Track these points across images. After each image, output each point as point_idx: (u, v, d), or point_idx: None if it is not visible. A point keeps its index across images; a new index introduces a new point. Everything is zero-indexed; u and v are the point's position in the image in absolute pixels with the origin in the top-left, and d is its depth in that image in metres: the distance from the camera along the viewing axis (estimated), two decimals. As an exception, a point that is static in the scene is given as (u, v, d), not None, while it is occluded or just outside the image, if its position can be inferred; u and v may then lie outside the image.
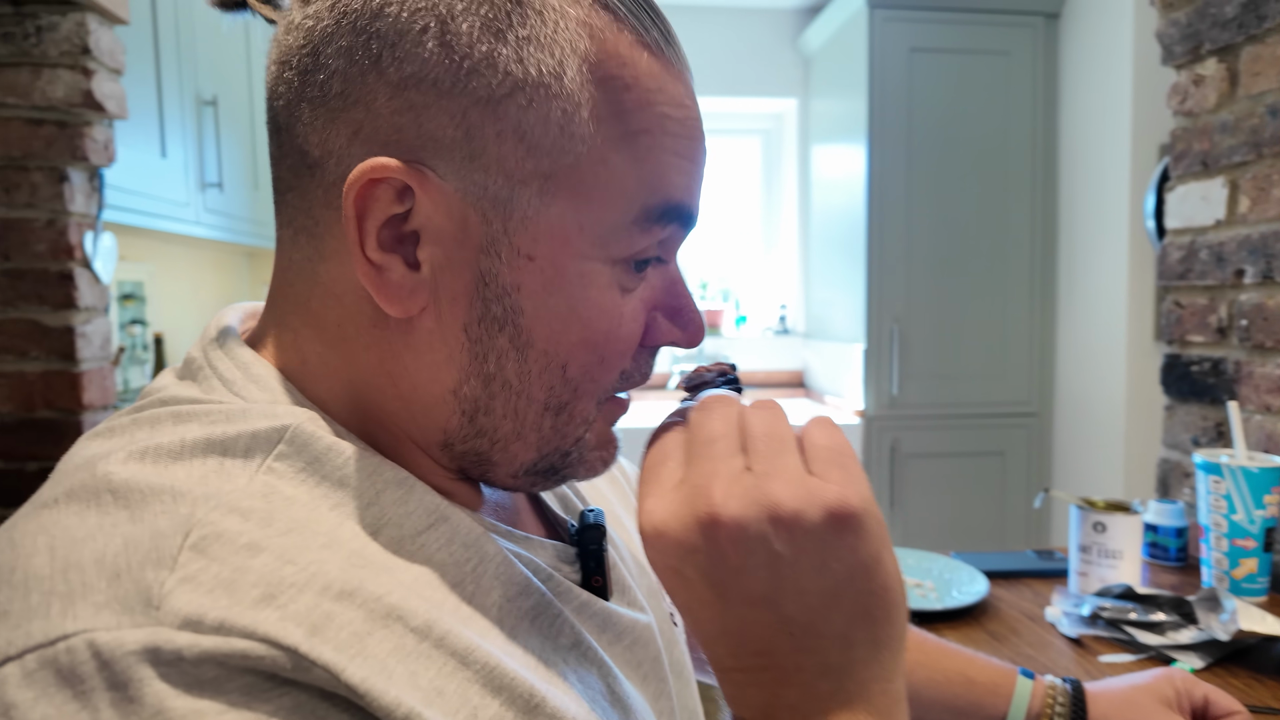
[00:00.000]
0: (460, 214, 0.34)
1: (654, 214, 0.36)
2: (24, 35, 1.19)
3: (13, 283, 1.21)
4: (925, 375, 2.40)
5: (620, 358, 0.38)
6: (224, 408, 0.33)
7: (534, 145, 0.33)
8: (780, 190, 3.07)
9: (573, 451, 0.38)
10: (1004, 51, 2.39)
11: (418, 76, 0.32)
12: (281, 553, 0.28)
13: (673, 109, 0.36)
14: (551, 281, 0.35)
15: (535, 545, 0.41)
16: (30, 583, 0.26)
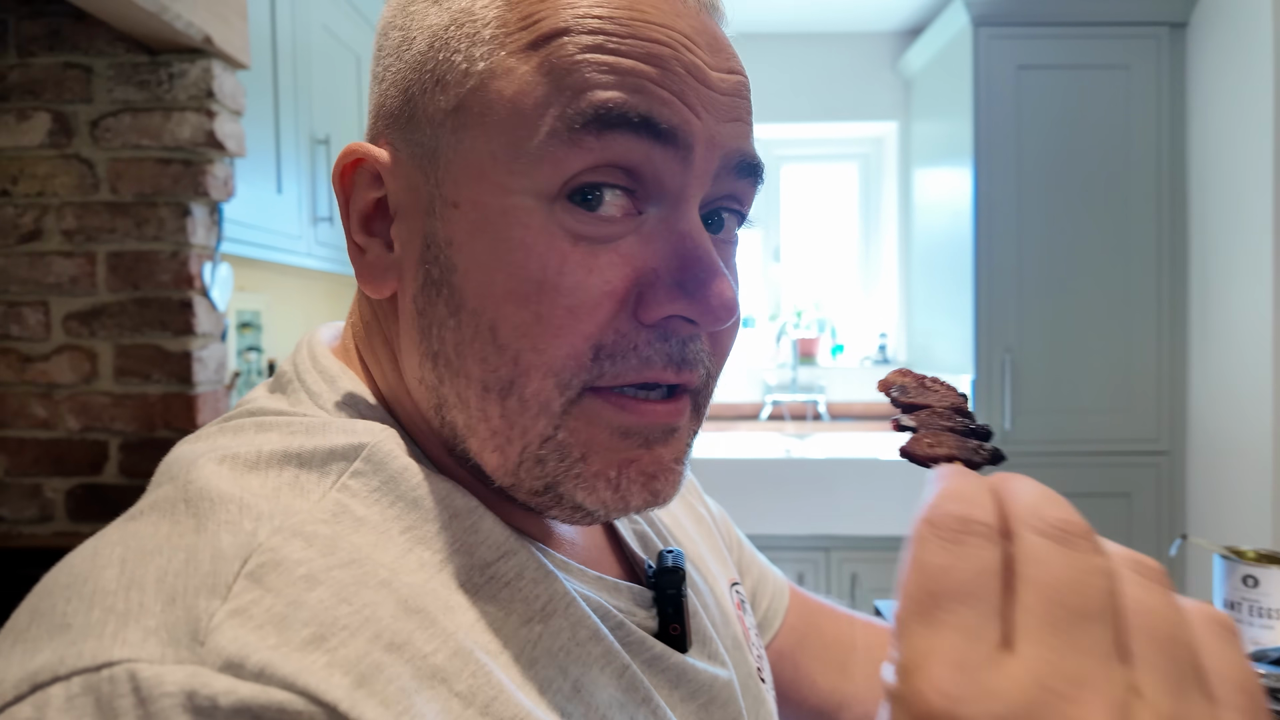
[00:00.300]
0: (412, 180, 0.33)
1: (579, 119, 0.29)
2: (157, 82, 1.29)
3: (140, 310, 1.30)
4: (1041, 409, 2.25)
5: (568, 316, 0.30)
6: (305, 420, 0.33)
7: (445, 83, 0.32)
8: (879, 215, 2.98)
9: (547, 457, 0.31)
10: (1124, 65, 2.24)
11: (385, 64, 0.35)
12: (339, 589, 0.27)
13: (613, 10, 0.30)
14: (476, 225, 0.31)
15: (609, 587, 0.38)
16: (96, 596, 0.26)
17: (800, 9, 2.59)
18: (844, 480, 2.26)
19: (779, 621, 0.60)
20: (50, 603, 0.26)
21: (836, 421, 2.80)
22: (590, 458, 0.32)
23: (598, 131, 0.29)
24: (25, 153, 1.29)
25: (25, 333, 1.30)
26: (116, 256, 1.30)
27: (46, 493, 1.31)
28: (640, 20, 0.31)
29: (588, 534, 0.42)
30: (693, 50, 0.31)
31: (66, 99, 1.29)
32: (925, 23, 2.68)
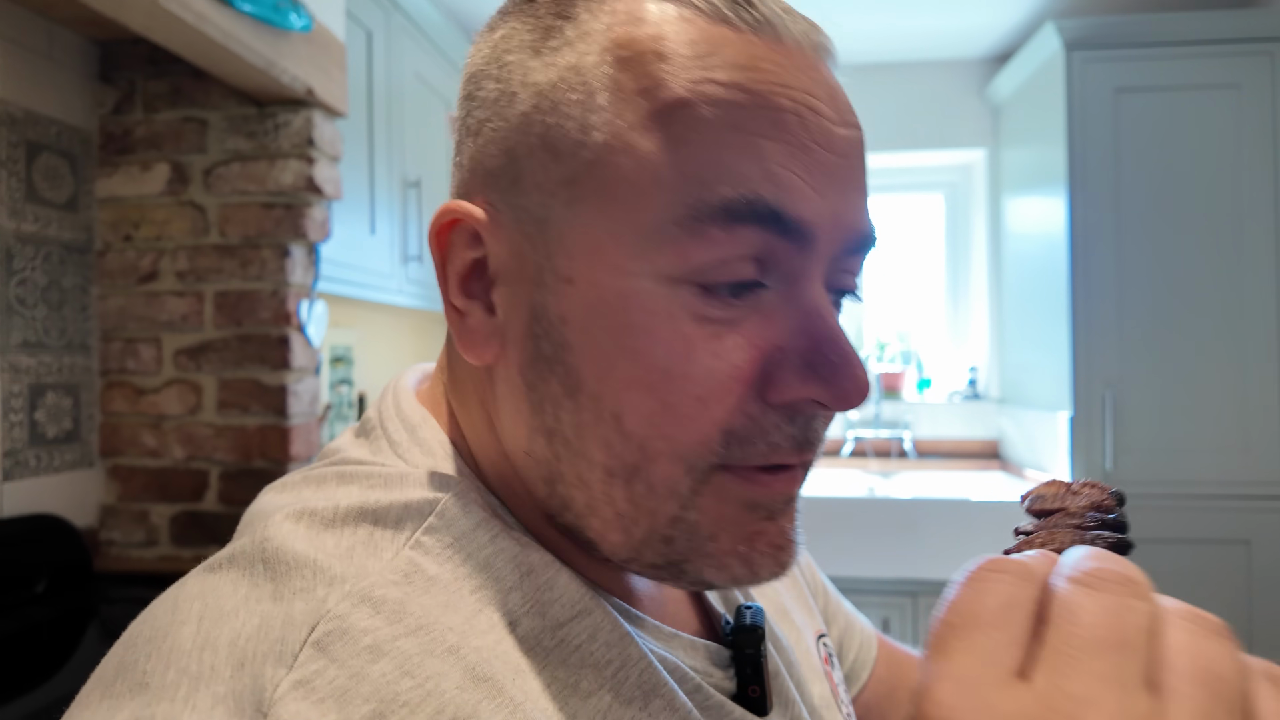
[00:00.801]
0: (516, 246, 0.31)
1: (705, 211, 0.28)
2: (264, 132, 1.38)
3: (241, 345, 1.37)
4: (1146, 448, 2.11)
5: (696, 405, 0.29)
6: (384, 471, 0.33)
7: (557, 151, 0.30)
8: (967, 245, 2.88)
9: (676, 538, 0.30)
10: (1233, 85, 2.12)
11: (481, 118, 0.33)
12: (403, 661, 0.27)
13: (728, 71, 0.28)
14: (593, 306, 0.29)
15: (685, 645, 0.36)
16: (173, 655, 0.26)
17: (885, 39, 2.57)
18: (932, 521, 2.17)
19: (867, 673, 0.57)
20: (133, 657, 0.27)
21: (924, 459, 2.70)
22: (720, 536, 0.31)
23: (725, 225, 0.28)
24: (146, 200, 1.39)
25: (140, 367, 1.39)
26: (222, 295, 1.38)
27: (153, 518, 1.39)
28: (764, 83, 0.29)
29: (669, 588, 0.40)
30: (816, 110, 0.30)
31: (184, 150, 1.39)
32: (1013, 48, 2.61)
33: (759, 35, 0.30)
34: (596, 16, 0.31)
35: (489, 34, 0.35)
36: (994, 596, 0.22)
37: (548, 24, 0.32)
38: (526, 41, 0.32)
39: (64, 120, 1.34)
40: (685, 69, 0.29)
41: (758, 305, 0.30)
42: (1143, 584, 0.22)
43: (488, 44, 0.34)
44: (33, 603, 1.22)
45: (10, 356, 1.24)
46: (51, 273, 1.32)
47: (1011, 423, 2.61)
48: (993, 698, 0.20)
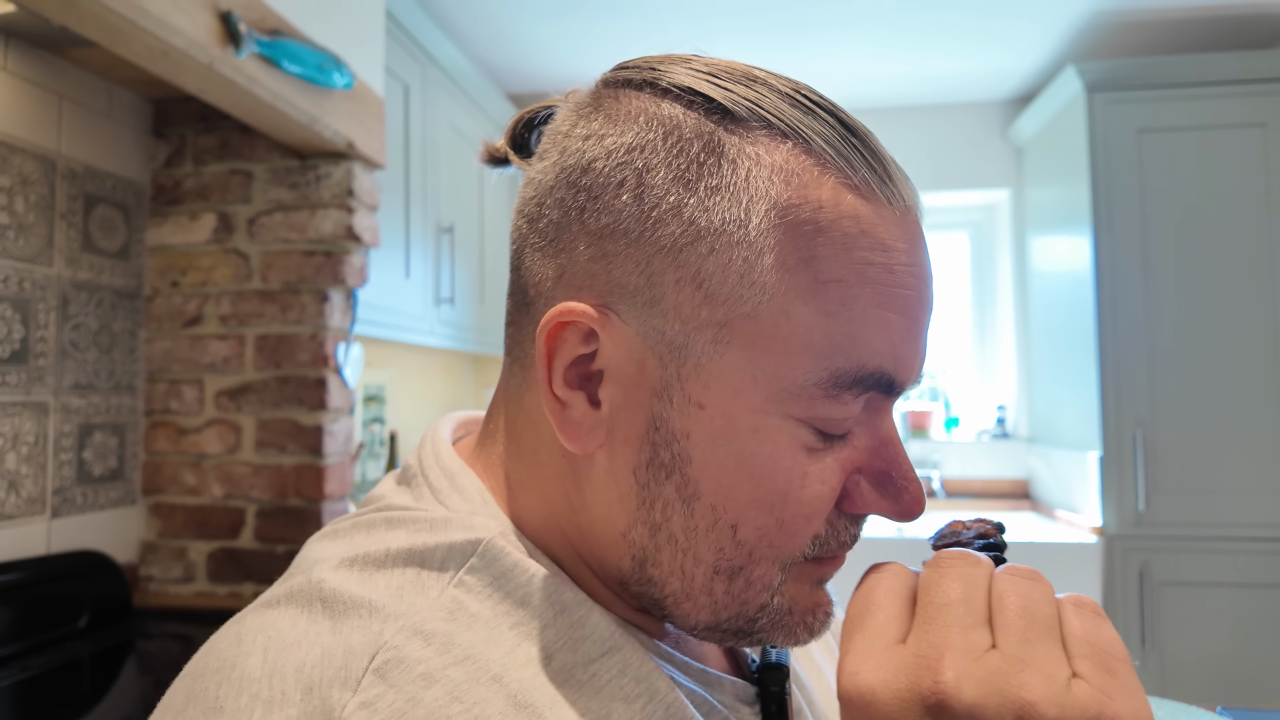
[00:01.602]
0: (639, 356, 0.34)
1: (845, 380, 0.32)
2: (306, 183, 1.44)
3: (280, 387, 1.42)
4: (1180, 488, 2.08)
5: (804, 522, 0.33)
6: (428, 516, 0.36)
7: (711, 292, 0.32)
8: (993, 284, 2.88)
9: (760, 618, 0.35)
10: (1259, 124, 2.12)
11: (611, 227, 0.34)
12: (453, 687, 0.29)
13: (877, 254, 0.32)
14: (721, 432, 0.33)
15: (712, 681, 0.38)
16: (243, 683, 0.29)
17: (910, 82, 2.61)
18: (962, 562, 2.14)
19: None
20: (203, 685, 0.29)
21: (953, 499, 2.67)
22: (795, 610, 0.36)
23: (856, 392, 0.33)
24: (193, 248, 1.46)
25: (183, 408, 1.45)
26: (263, 339, 1.43)
27: (191, 555, 1.43)
28: (900, 266, 0.33)
29: None
30: (925, 281, 0.34)
31: (230, 200, 1.46)
32: (1035, 90, 2.64)
33: (893, 208, 0.33)
34: (757, 165, 0.32)
35: (609, 127, 0.35)
36: (879, 589, 0.30)
37: (699, 157, 0.33)
38: (674, 167, 0.33)
39: (119, 174, 1.42)
40: (845, 248, 0.32)
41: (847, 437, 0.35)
42: (979, 559, 0.30)
43: (611, 143, 0.34)
44: (75, 637, 1.26)
45: (63, 398, 1.30)
46: (103, 317, 1.38)
47: (1041, 462, 2.58)
48: (881, 659, 0.28)
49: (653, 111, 0.34)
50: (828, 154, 0.33)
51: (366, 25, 1.47)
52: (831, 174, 0.33)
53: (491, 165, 0.42)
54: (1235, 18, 2.22)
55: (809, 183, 0.32)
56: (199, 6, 1.02)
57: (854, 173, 0.33)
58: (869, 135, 0.34)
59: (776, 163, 0.32)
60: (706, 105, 0.34)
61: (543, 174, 0.37)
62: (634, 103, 0.35)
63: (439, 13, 2.12)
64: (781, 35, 2.28)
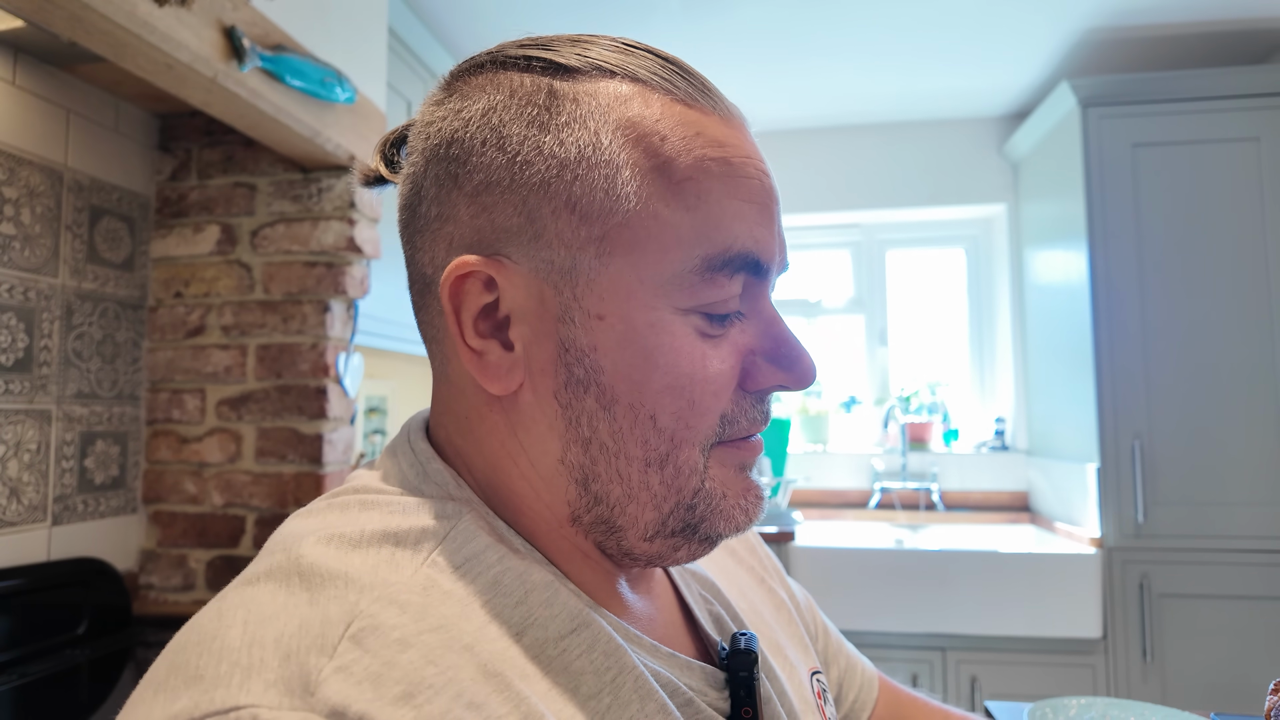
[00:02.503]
0: (537, 290, 0.37)
1: (715, 263, 0.36)
2: (309, 196, 1.46)
3: (281, 396, 1.44)
4: (1178, 500, 2.08)
5: (712, 399, 0.37)
6: (402, 500, 0.38)
7: (585, 213, 0.36)
8: (991, 297, 2.90)
9: (698, 504, 0.38)
10: (1252, 138, 2.14)
11: (485, 182, 0.37)
12: (427, 651, 0.31)
13: (715, 149, 0.37)
14: (624, 336, 0.36)
15: (681, 664, 0.40)
16: (224, 652, 0.30)
17: (907, 99, 2.64)
18: (961, 574, 2.14)
19: (867, 713, 0.59)
20: (184, 657, 0.30)
21: (952, 511, 2.67)
22: (727, 494, 0.39)
23: (729, 274, 0.37)
24: (197, 260, 1.48)
25: (184, 417, 1.46)
26: (264, 348, 1.45)
27: (190, 563, 1.44)
28: (736, 157, 0.37)
29: (663, 612, 0.44)
30: (763, 171, 0.39)
31: (233, 213, 1.48)
32: (1030, 106, 2.66)
33: (719, 114, 0.38)
34: (594, 98, 0.37)
35: (461, 103, 0.38)
36: None
37: (545, 103, 0.37)
38: (526, 117, 0.37)
39: (125, 186, 1.44)
40: (684, 147, 0.36)
41: (735, 321, 0.39)
42: None
43: (466, 114, 0.38)
44: (74, 643, 1.26)
45: (65, 406, 1.31)
46: (107, 327, 1.40)
47: (1040, 474, 2.58)
48: None
49: (497, 81, 0.38)
50: (654, 80, 0.38)
51: (369, 41, 1.50)
52: (659, 93, 0.37)
53: (367, 186, 0.45)
54: (1228, 33, 2.24)
55: (643, 103, 0.37)
56: (203, 22, 1.04)
57: (677, 90, 0.38)
58: (685, 63, 0.39)
59: (611, 92, 0.37)
60: (542, 65, 0.38)
61: (413, 165, 0.40)
62: (478, 79, 0.39)
63: (442, 30, 2.15)
64: (780, 55, 2.31)
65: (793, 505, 2.72)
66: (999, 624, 2.09)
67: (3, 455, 1.20)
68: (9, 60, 1.22)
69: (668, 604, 0.45)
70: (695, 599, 0.46)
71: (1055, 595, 2.10)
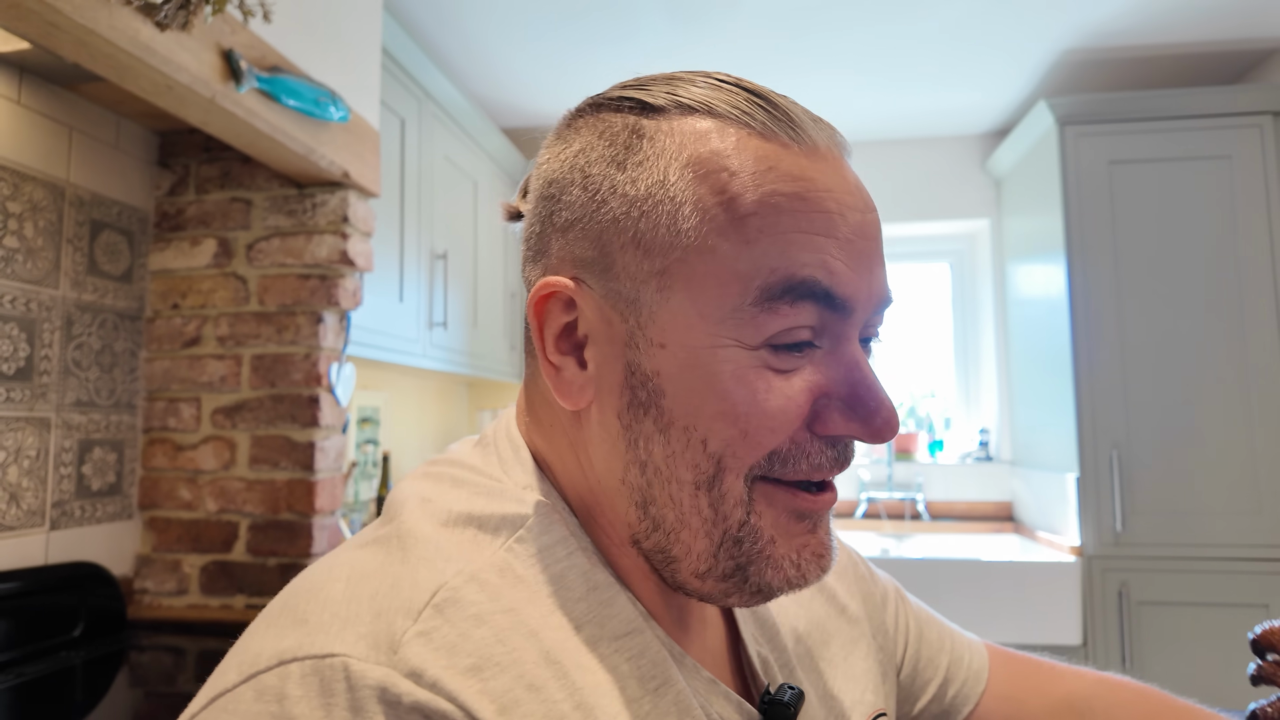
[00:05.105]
0: (607, 316, 0.39)
1: (774, 292, 0.36)
2: (303, 210, 1.51)
3: (275, 405, 1.47)
4: (1156, 510, 2.12)
5: (768, 434, 0.37)
6: (489, 484, 0.41)
7: (648, 248, 0.38)
8: (975, 311, 2.95)
9: (744, 539, 0.37)
10: (1225, 156, 2.20)
11: (571, 219, 0.40)
12: (498, 631, 0.34)
13: (786, 184, 0.37)
14: (685, 363, 0.37)
15: (720, 693, 0.41)
16: (327, 603, 0.34)
17: (893, 117, 2.70)
18: (946, 583, 2.18)
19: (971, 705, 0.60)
20: (295, 601, 0.35)
21: (937, 521, 2.70)
22: (777, 541, 0.38)
23: (791, 301, 0.36)
24: (194, 272, 1.52)
25: (180, 425, 1.50)
26: (259, 358, 1.49)
27: (184, 568, 1.47)
28: (812, 191, 0.37)
29: (713, 640, 0.46)
30: (850, 205, 0.38)
31: (230, 227, 1.53)
32: (1012, 124, 2.73)
33: (801, 148, 0.38)
34: (670, 136, 0.38)
35: (563, 146, 0.42)
36: None
37: (625, 142, 0.39)
38: (607, 157, 0.39)
39: (125, 201, 1.49)
40: (753, 183, 0.37)
41: (811, 358, 0.38)
42: None
43: (564, 155, 0.41)
44: (69, 646, 1.29)
45: (64, 414, 1.35)
46: (105, 338, 1.44)
47: (1023, 484, 2.62)
48: None
49: (594, 123, 0.41)
50: (731, 115, 0.38)
51: (363, 63, 1.55)
52: (734, 127, 0.38)
53: (512, 221, 0.48)
54: (1201, 55, 2.31)
55: (715, 138, 0.38)
56: (203, 45, 1.09)
57: (755, 123, 0.38)
58: (772, 94, 0.39)
59: (687, 129, 0.38)
60: (631, 105, 0.40)
61: (530, 203, 0.44)
62: (581, 121, 0.42)
63: (435, 51, 2.21)
64: (768, 73, 2.37)
65: (781, 516, 2.76)
66: (982, 631, 2.12)
67: (2, 461, 1.24)
68: (14, 80, 1.26)
69: (719, 633, 0.47)
70: (749, 635, 0.47)
71: (1036, 603, 2.14)
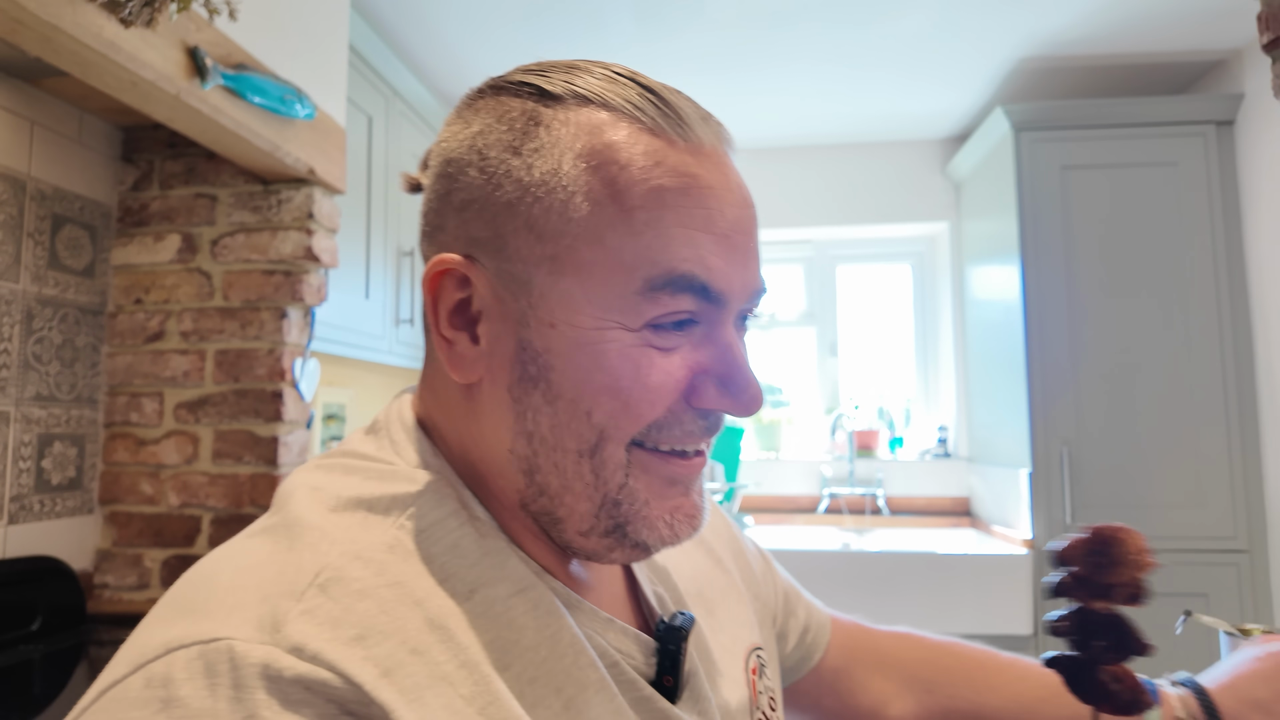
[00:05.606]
0: (499, 295, 0.41)
1: (657, 284, 0.39)
2: (268, 207, 1.51)
3: (238, 400, 1.48)
4: (1104, 504, 2.20)
5: (648, 406, 0.40)
6: (379, 468, 0.43)
7: (540, 233, 0.40)
8: (935, 312, 3.02)
9: (622, 502, 0.40)
10: (1171, 163, 2.29)
11: (467, 199, 0.42)
12: (382, 603, 0.35)
13: (671, 179, 0.39)
14: (574, 342, 0.39)
15: (617, 629, 0.44)
16: (214, 592, 0.35)
17: (854, 121, 2.76)
18: (904, 576, 2.24)
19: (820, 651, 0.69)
20: (184, 593, 0.36)
21: (897, 516, 2.77)
22: (652, 503, 0.41)
23: (672, 293, 0.39)
24: (158, 267, 1.52)
25: (142, 420, 1.50)
26: (223, 353, 1.50)
27: (146, 562, 1.47)
28: (695, 189, 0.39)
29: (610, 585, 0.49)
30: (729, 203, 0.41)
31: (195, 223, 1.53)
32: (970, 129, 2.80)
33: (688, 144, 0.40)
34: (566, 126, 0.40)
35: (463, 126, 0.43)
36: None
37: (523, 128, 0.41)
38: (505, 142, 0.41)
39: (87, 196, 1.48)
40: (641, 177, 0.39)
41: (691, 337, 0.41)
42: None
43: (463, 135, 0.43)
44: (27, 640, 1.29)
45: (24, 408, 1.35)
46: (67, 332, 1.44)
47: (980, 480, 2.69)
48: None
49: (493, 105, 0.43)
50: (625, 109, 0.40)
51: (329, 60, 1.56)
52: (626, 122, 0.40)
53: (412, 192, 0.50)
54: (1150, 65, 2.39)
55: (608, 131, 0.40)
56: (168, 42, 1.10)
57: (646, 118, 0.40)
58: (665, 89, 0.42)
59: (582, 120, 0.40)
60: (531, 91, 0.42)
61: (428, 180, 0.46)
62: (481, 102, 0.44)
63: (403, 49, 2.22)
64: (733, 77, 2.41)
65: (744, 510, 2.80)
66: (937, 622, 2.18)
67: (-39, 455, 1.23)
68: (-25, 73, 1.26)
69: (616, 579, 0.49)
70: (645, 578, 0.51)
71: (990, 594, 2.21)
